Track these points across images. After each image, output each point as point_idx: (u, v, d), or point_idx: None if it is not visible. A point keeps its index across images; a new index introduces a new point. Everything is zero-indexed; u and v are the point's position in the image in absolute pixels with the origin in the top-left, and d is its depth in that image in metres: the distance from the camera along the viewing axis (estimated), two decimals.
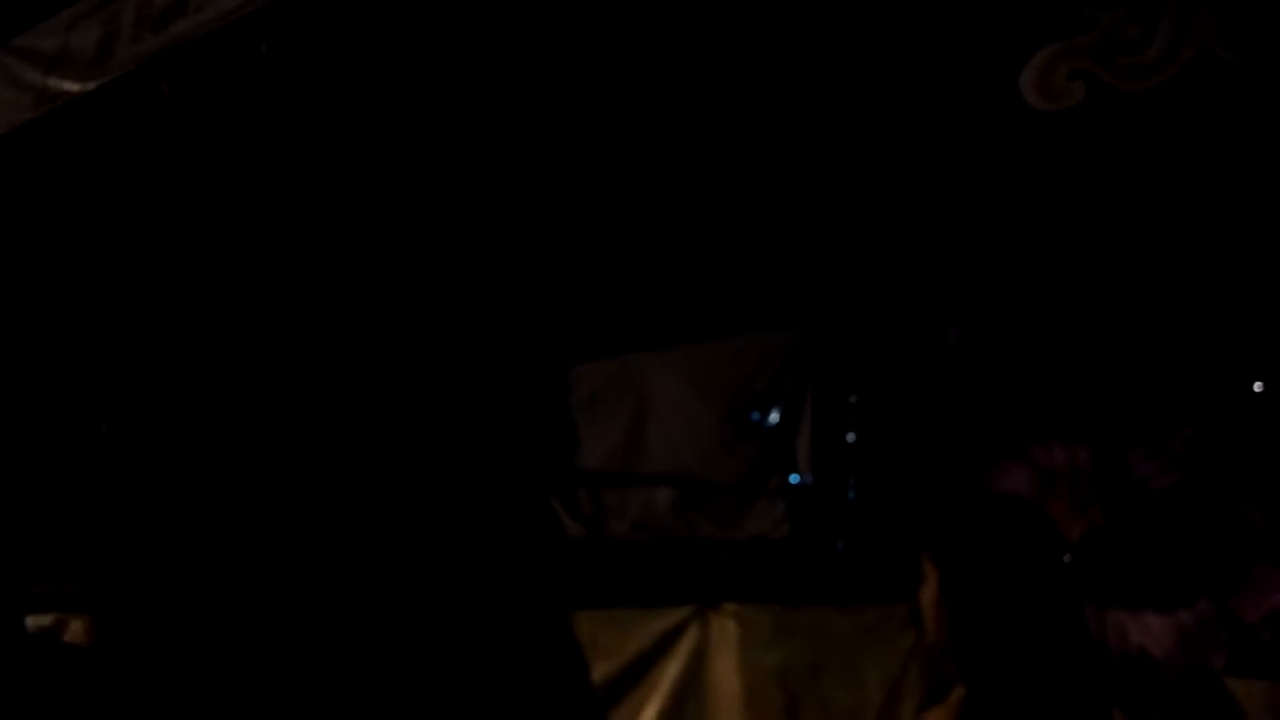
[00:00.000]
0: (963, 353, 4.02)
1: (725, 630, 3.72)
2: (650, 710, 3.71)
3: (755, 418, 4.65)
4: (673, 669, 3.74)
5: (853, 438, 4.36)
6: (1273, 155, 4.01)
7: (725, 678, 3.72)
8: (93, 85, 5.16)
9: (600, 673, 3.59)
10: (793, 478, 4.54)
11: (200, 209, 5.07)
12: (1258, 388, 3.82)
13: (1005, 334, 4.06)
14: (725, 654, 3.71)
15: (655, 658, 3.73)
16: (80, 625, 4.02)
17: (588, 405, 5.12)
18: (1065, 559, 2.26)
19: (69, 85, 5.19)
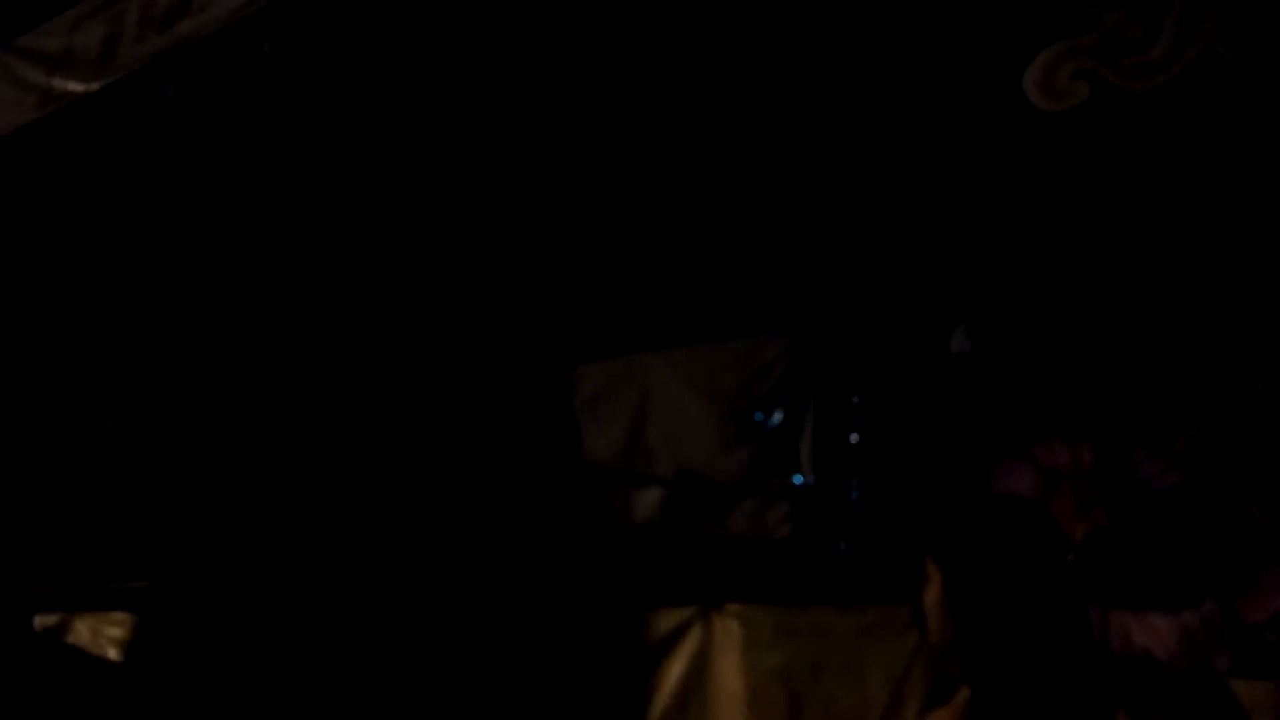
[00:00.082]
0: (966, 353, 4.01)
1: (728, 631, 3.72)
2: (653, 710, 3.71)
3: (758, 418, 4.64)
4: (676, 669, 3.73)
5: (855, 438, 4.35)
6: (1276, 154, 4.00)
7: (728, 678, 3.71)
8: (97, 85, 5.16)
9: None
10: (795, 478, 4.53)
11: (204, 208, 5.07)
12: (1261, 387, 3.81)
13: (1009, 334, 4.06)
14: (728, 654, 3.71)
15: (658, 658, 3.72)
16: (85, 625, 4.03)
17: (590, 405, 5.12)
18: (1069, 559, 2.24)
19: (73, 85, 5.19)
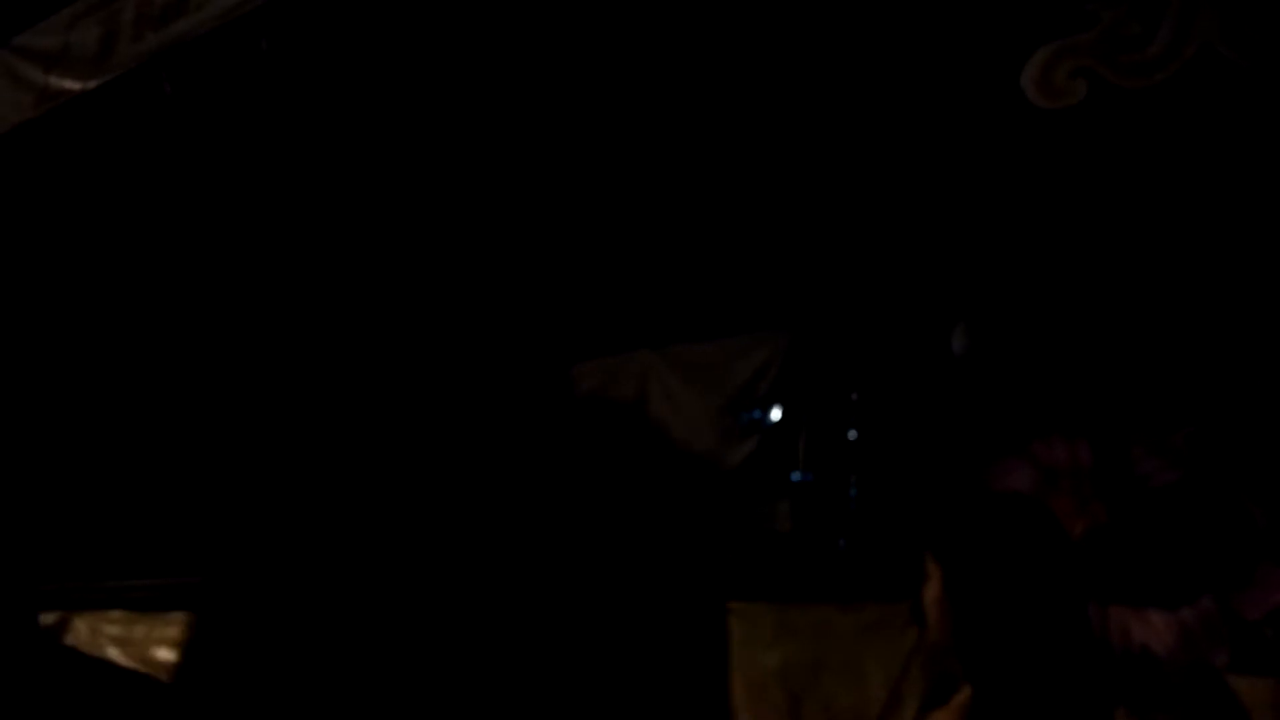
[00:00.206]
0: (965, 350, 4.01)
1: (728, 628, 3.71)
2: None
3: (757, 415, 4.64)
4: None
5: (854, 435, 4.35)
6: (1274, 152, 4.01)
7: (731, 674, 3.71)
8: (94, 84, 5.15)
9: None
10: (794, 475, 4.53)
11: (202, 205, 5.07)
12: (1260, 383, 3.81)
13: (1007, 332, 4.06)
14: (728, 651, 3.71)
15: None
16: (84, 624, 4.03)
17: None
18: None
19: (70, 84, 5.18)
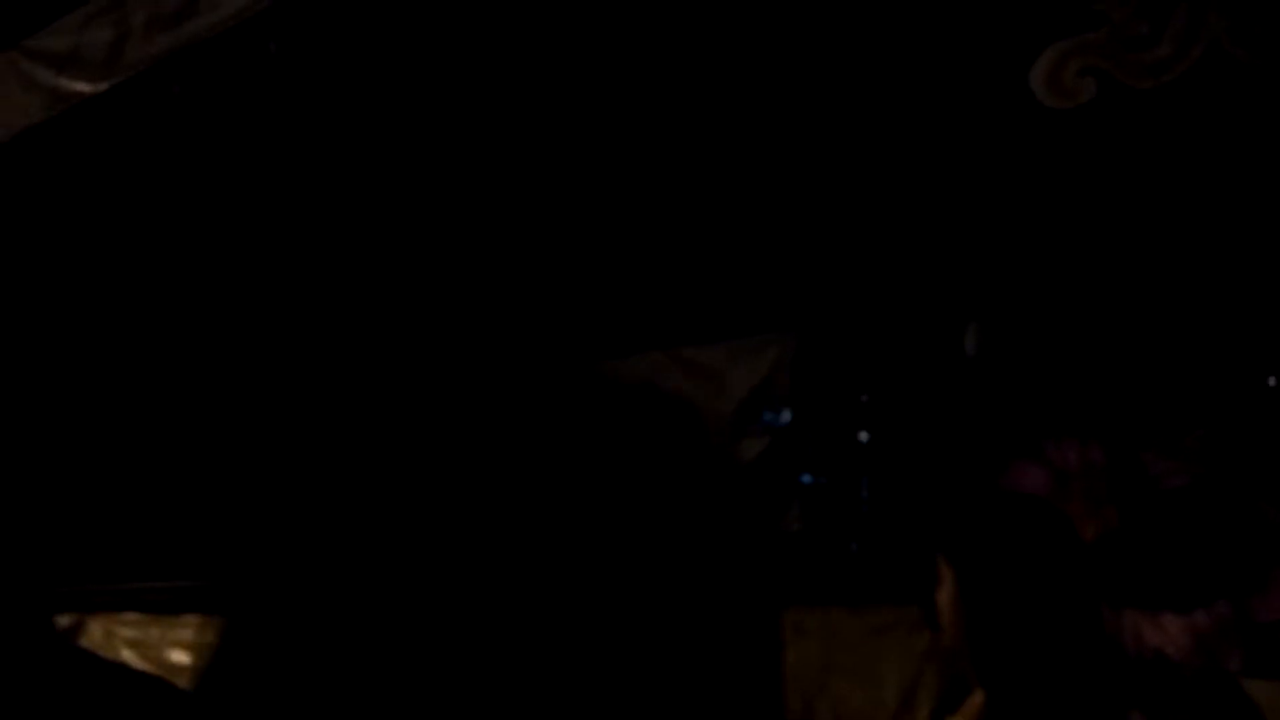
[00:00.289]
0: (977, 352, 4.01)
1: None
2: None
3: (766, 417, 4.63)
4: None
5: (866, 437, 4.34)
6: None
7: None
8: (104, 86, 5.15)
9: None
10: (804, 477, 4.52)
11: (210, 207, 5.07)
12: (1272, 383, 3.80)
13: (1019, 333, 4.05)
14: None
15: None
16: (98, 626, 4.03)
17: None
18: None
19: (80, 86, 5.18)
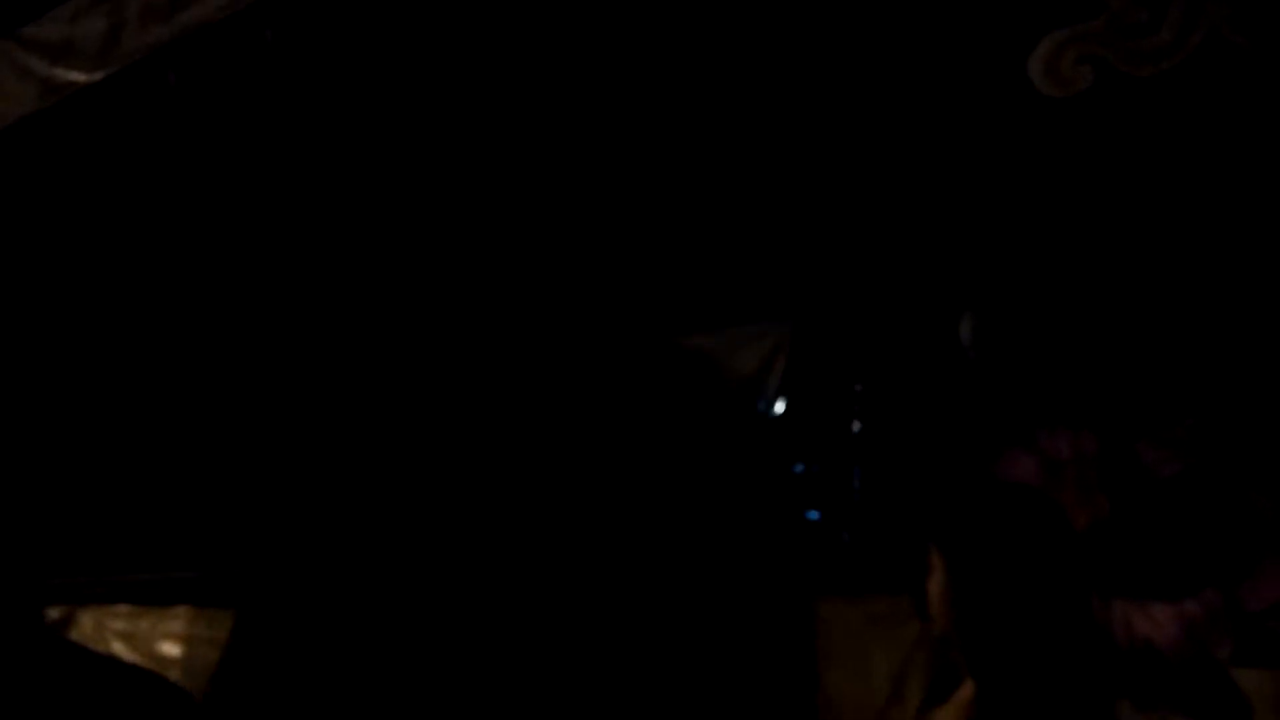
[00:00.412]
0: (971, 341, 4.00)
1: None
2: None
3: (761, 407, 4.63)
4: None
5: (858, 427, 4.34)
6: None
7: None
8: (99, 75, 5.15)
9: None
10: (797, 467, 4.52)
11: (206, 197, 5.07)
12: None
13: (1012, 322, 4.05)
14: None
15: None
16: (89, 618, 4.03)
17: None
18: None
19: (75, 75, 5.18)
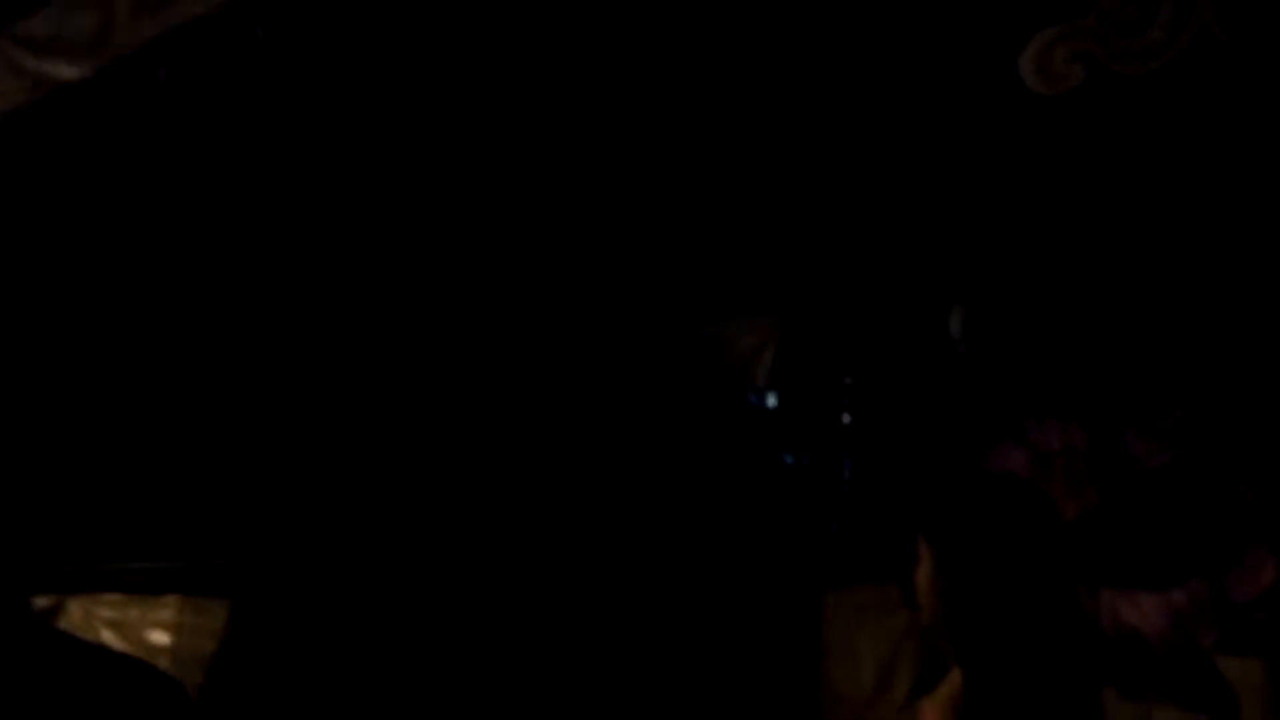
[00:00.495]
0: (961, 334, 4.02)
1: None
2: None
3: (751, 400, 4.65)
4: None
5: (848, 419, 4.36)
6: (1273, 140, 4.01)
7: None
8: (89, 71, 5.15)
9: None
10: (788, 458, 4.54)
11: (196, 194, 5.07)
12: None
13: (1002, 315, 4.07)
14: None
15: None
16: (78, 606, 4.02)
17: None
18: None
19: (64, 71, 5.18)
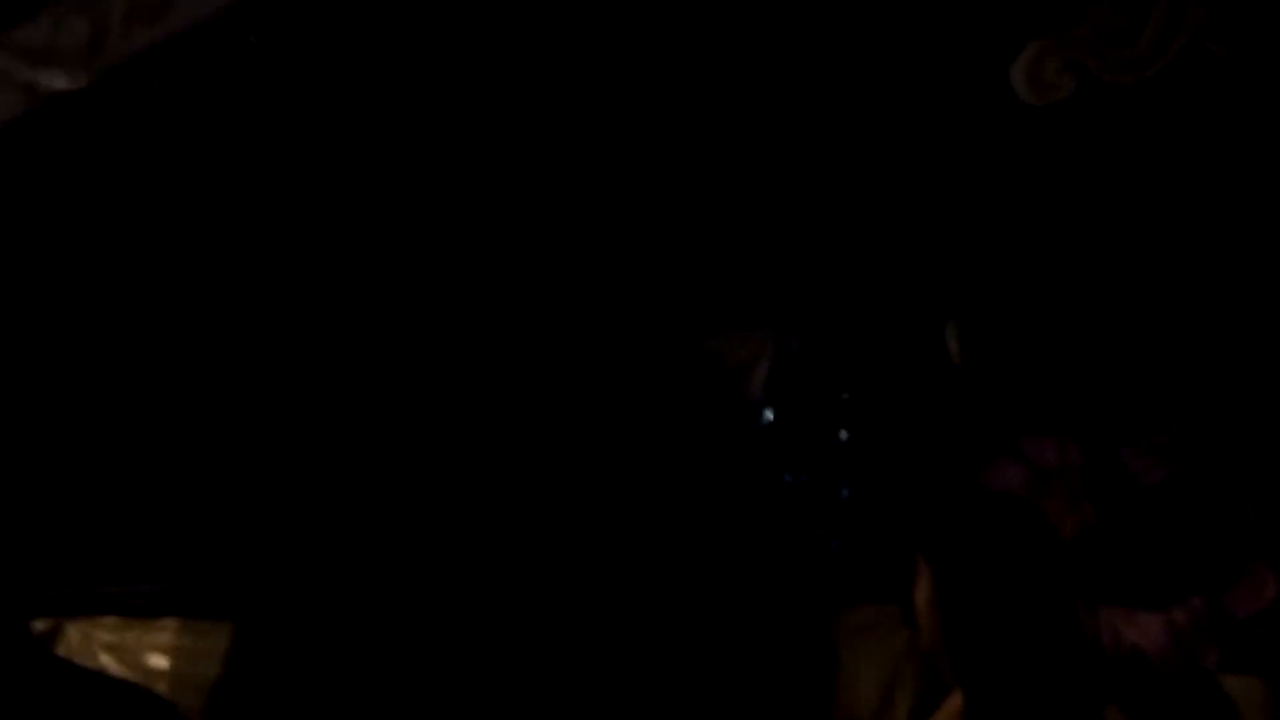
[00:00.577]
0: (957, 350, 4.03)
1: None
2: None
3: (744, 414, 4.64)
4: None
5: (845, 435, 4.35)
6: (1265, 149, 4.03)
7: None
8: (83, 80, 5.14)
9: None
10: (785, 476, 4.53)
11: (190, 202, 5.06)
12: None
13: (998, 331, 4.07)
14: None
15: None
16: (76, 630, 4.01)
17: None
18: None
19: (58, 81, 5.17)
